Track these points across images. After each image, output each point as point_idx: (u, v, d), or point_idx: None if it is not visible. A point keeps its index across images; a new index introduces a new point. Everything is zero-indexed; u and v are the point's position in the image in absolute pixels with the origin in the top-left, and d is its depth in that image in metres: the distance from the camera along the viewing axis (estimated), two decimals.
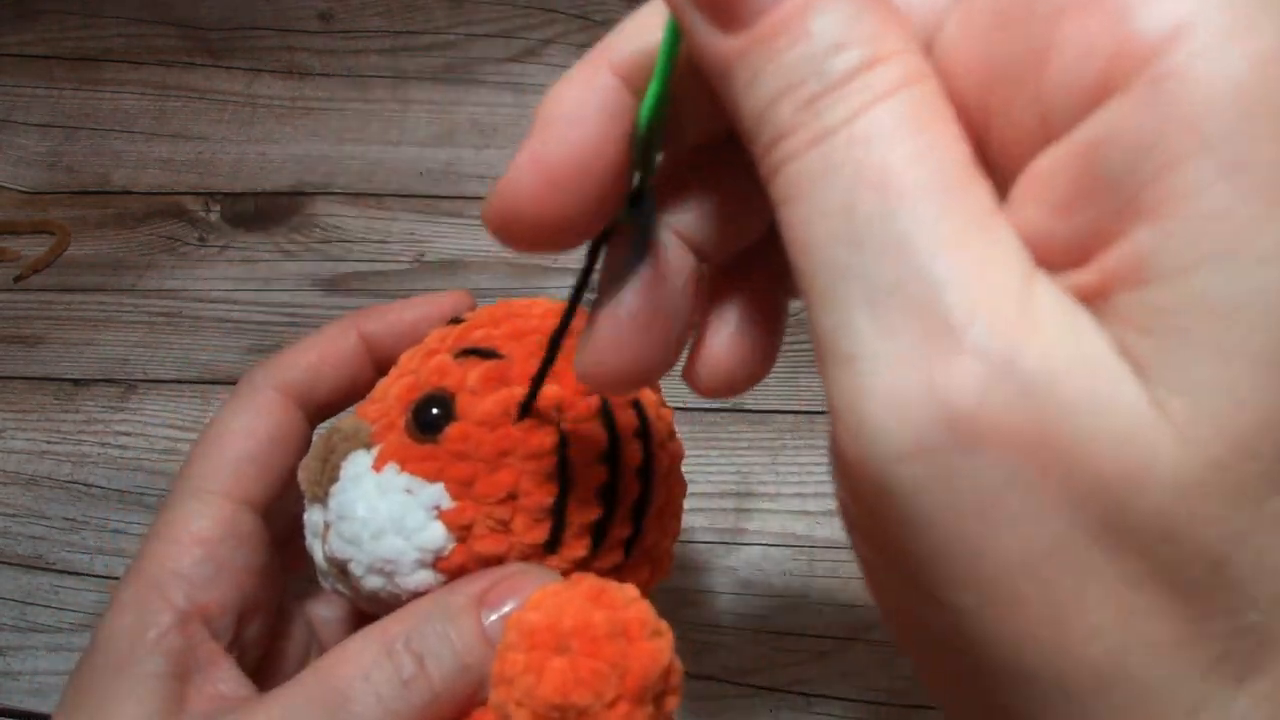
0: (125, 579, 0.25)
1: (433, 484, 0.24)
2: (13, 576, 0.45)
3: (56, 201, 0.59)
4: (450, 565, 0.24)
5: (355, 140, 0.61)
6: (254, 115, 0.62)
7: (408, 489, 0.24)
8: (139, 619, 0.24)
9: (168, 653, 0.24)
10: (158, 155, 0.61)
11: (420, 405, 0.24)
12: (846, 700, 0.40)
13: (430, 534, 0.24)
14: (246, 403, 0.27)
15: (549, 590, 0.22)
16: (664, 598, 0.44)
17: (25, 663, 0.43)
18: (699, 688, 0.41)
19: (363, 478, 0.24)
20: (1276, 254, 0.11)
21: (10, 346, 0.53)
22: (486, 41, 0.64)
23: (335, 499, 0.24)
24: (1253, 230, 0.11)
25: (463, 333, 0.26)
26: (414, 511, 0.24)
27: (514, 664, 0.21)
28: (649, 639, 0.22)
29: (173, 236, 0.57)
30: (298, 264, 0.55)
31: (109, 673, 0.24)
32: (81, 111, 0.63)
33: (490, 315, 0.27)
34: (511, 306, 0.27)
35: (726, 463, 0.46)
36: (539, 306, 0.27)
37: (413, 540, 0.24)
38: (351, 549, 0.24)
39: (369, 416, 0.25)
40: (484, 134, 0.61)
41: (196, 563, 0.25)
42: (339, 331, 0.29)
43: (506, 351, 0.25)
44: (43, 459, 0.48)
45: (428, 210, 0.58)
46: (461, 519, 0.24)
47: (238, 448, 0.26)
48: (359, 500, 0.24)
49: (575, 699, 0.21)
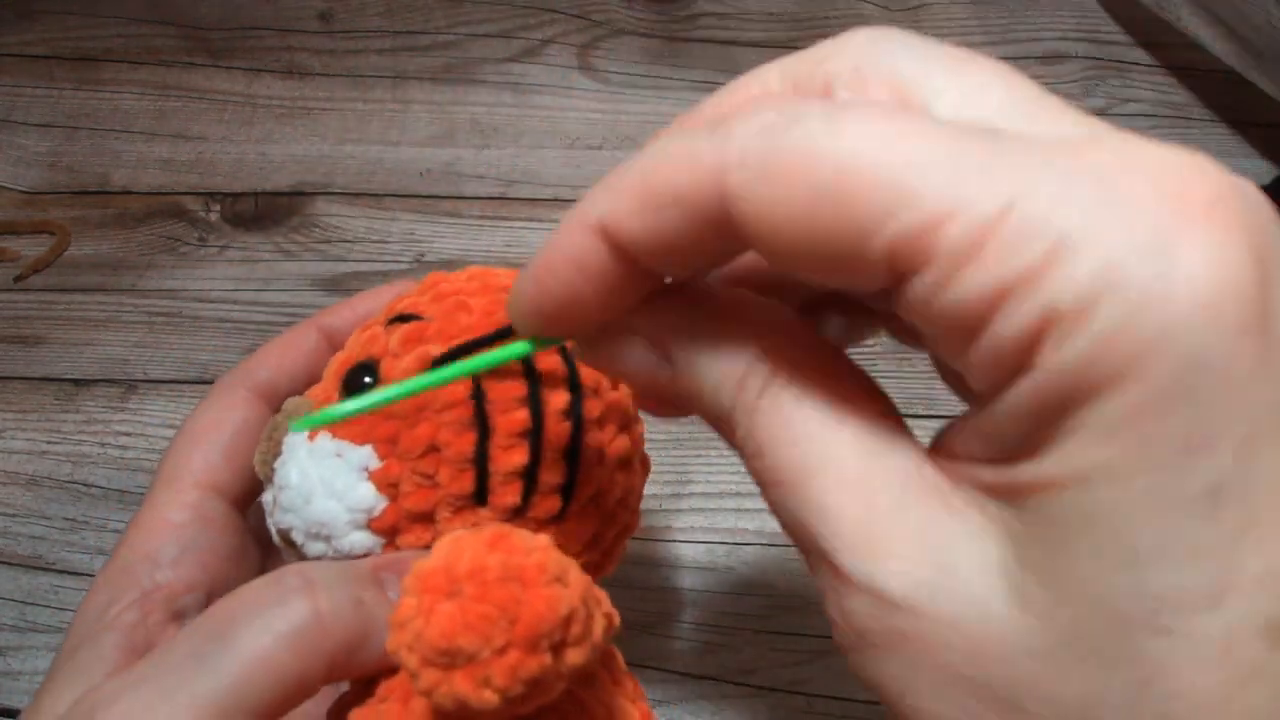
0: (103, 568, 0.26)
1: (361, 446, 0.25)
2: (13, 576, 0.45)
3: (56, 201, 0.59)
4: (383, 525, 0.25)
5: (355, 140, 0.61)
6: (254, 115, 0.62)
7: (337, 453, 0.25)
8: (105, 597, 0.25)
9: (121, 629, 0.24)
10: (158, 155, 0.61)
11: (350, 375, 0.26)
12: (846, 700, 0.40)
13: (360, 494, 0.24)
14: (216, 402, 0.29)
15: (451, 536, 0.22)
16: (663, 598, 0.44)
17: (25, 663, 0.43)
18: (699, 688, 0.41)
19: (298, 448, 0.25)
20: (1120, 479, 0.13)
21: (10, 346, 0.53)
22: (486, 41, 0.64)
23: (278, 474, 0.26)
24: (1111, 469, 0.14)
25: (393, 304, 0.27)
26: (343, 473, 0.25)
27: (407, 607, 0.21)
28: (546, 585, 0.21)
29: (173, 236, 0.57)
30: (298, 264, 0.55)
31: (71, 651, 0.24)
32: (81, 111, 0.63)
33: (421, 284, 0.28)
34: (440, 275, 0.28)
35: (726, 463, 0.46)
36: (465, 273, 0.28)
37: (344, 501, 0.24)
38: (290, 516, 0.25)
39: (313, 395, 0.27)
40: (484, 134, 0.61)
41: (163, 545, 0.26)
42: (301, 330, 0.30)
43: (428, 314, 0.26)
44: (43, 459, 0.48)
45: (428, 210, 0.58)
46: (389, 476, 0.24)
47: (206, 441, 0.28)
48: (293, 468, 0.25)
49: (462, 643, 0.20)
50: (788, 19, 0.64)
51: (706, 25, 0.64)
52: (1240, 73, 0.57)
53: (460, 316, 0.26)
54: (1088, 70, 0.63)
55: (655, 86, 0.63)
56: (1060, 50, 0.64)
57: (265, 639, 0.21)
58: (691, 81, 0.63)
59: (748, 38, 0.64)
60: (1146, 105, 0.62)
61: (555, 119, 0.62)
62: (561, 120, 0.61)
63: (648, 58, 0.64)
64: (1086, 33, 0.64)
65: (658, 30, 0.64)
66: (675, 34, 0.64)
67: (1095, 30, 0.64)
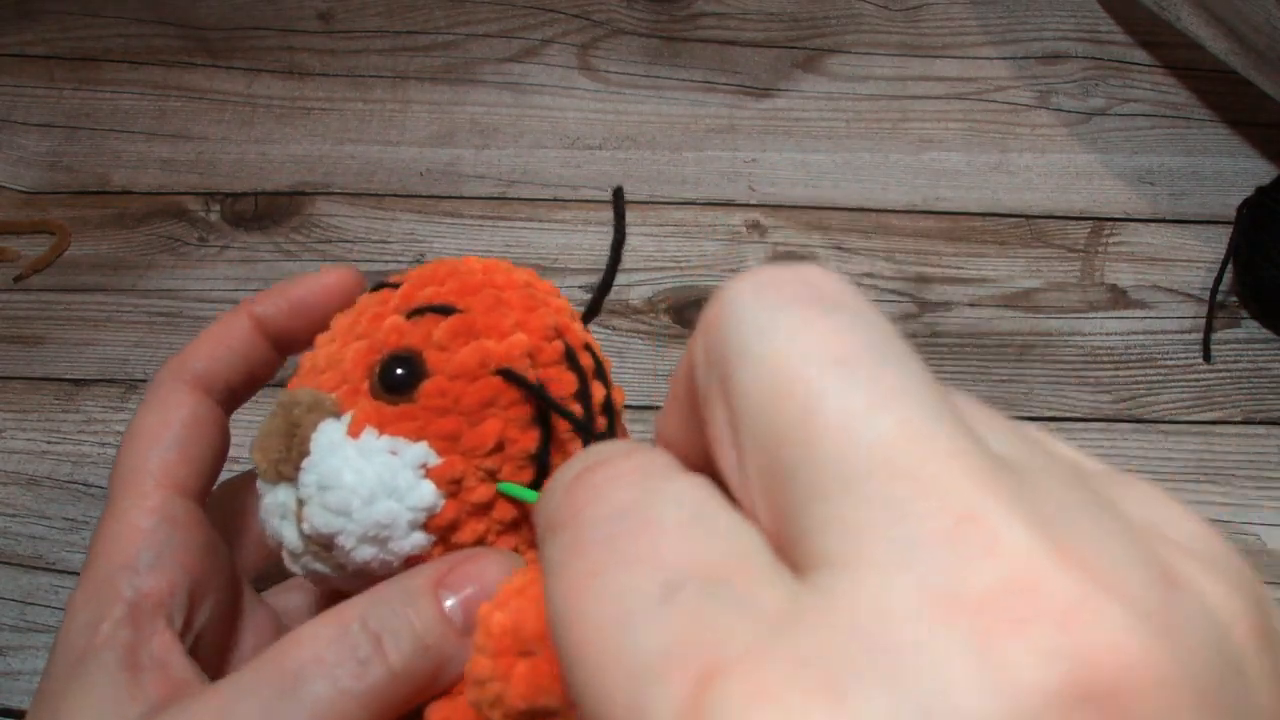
0: (77, 583, 0.26)
1: (415, 443, 0.24)
2: (13, 576, 0.45)
3: (56, 201, 0.59)
4: (443, 522, 0.24)
5: (355, 140, 0.61)
6: (254, 115, 0.62)
7: (391, 450, 0.24)
8: (91, 616, 0.25)
9: (119, 647, 0.24)
10: (158, 155, 0.61)
11: (386, 366, 0.24)
12: None
13: (421, 492, 0.24)
14: (155, 400, 0.28)
15: (513, 587, 0.22)
16: None
17: (25, 663, 0.43)
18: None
19: (340, 445, 0.24)
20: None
21: (10, 346, 0.53)
22: (486, 41, 0.64)
23: (311, 472, 0.24)
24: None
25: (408, 293, 0.26)
26: (402, 472, 0.23)
27: (483, 667, 0.21)
28: None
29: (173, 236, 0.57)
30: (298, 264, 0.55)
31: (64, 674, 0.24)
32: (81, 111, 0.63)
33: (432, 274, 0.27)
34: (447, 264, 0.27)
35: None
36: (475, 262, 0.27)
37: (405, 501, 0.23)
38: (340, 520, 0.23)
39: (325, 386, 0.25)
40: (484, 134, 0.61)
41: (138, 552, 0.25)
42: (231, 317, 0.29)
43: (464, 306, 0.25)
44: (43, 459, 0.48)
45: (428, 210, 0.58)
46: (451, 473, 0.24)
47: (157, 440, 0.27)
48: (343, 468, 0.23)
49: (542, 703, 0.21)
50: (787, 19, 0.64)
51: (706, 25, 0.64)
52: (1240, 73, 0.57)
53: (502, 313, 0.25)
54: (1088, 70, 0.63)
55: (655, 86, 0.63)
56: (1060, 50, 0.64)
57: (338, 698, 0.21)
58: (691, 81, 0.63)
59: (747, 38, 0.64)
60: (1146, 105, 0.62)
61: (555, 119, 0.62)
62: (561, 120, 0.61)
63: (648, 58, 0.64)
64: (1086, 32, 0.64)
65: (658, 30, 0.64)
66: (675, 34, 0.64)
67: (1095, 30, 0.64)
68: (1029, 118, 0.63)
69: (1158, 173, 0.61)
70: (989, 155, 0.62)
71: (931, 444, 0.12)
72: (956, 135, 0.63)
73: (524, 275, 0.26)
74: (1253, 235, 0.53)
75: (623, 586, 0.13)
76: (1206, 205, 0.59)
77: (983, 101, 0.63)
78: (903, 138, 0.63)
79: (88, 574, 0.26)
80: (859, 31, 0.64)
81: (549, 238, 0.57)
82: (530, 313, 0.25)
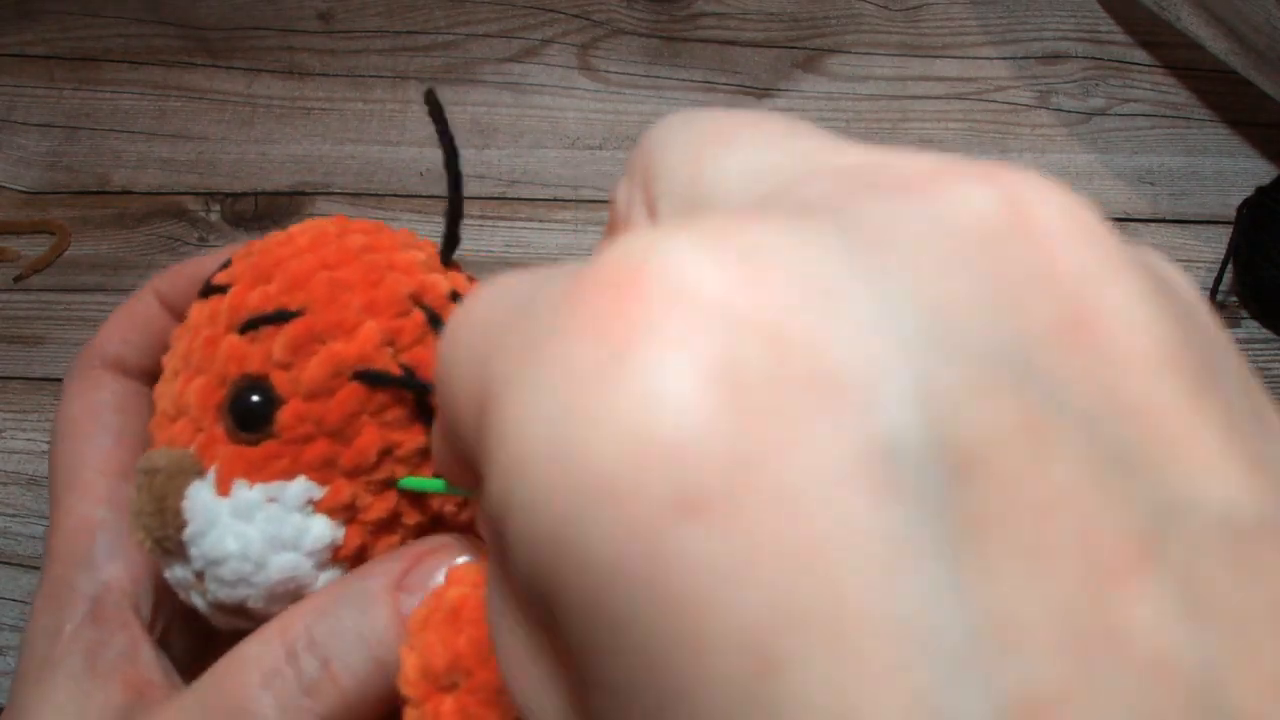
0: (39, 586, 0.25)
1: (291, 481, 0.21)
2: (13, 576, 0.45)
3: (56, 201, 0.59)
4: (349, 551, 0.22)
5: (355, 140, 0.61)
6: (254, 115, 0.62)
7: (269, 498, 0.21)
8: (52, 621, 0.24)
9: (81, 651, 0.23)
10: (158, 155, 0.61)
11: (234, 405, 0.22)
12: None
13: (315, 533, 0.21)
14: (77, 390, 0.27)
15: (418, 621, 0.21)
16: None
17: None
18: None
19: (214, 510, 0.21)
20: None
21: (10, 346, 0.53)
22: (486, 41, 0.64)
23: (195, 546, 0.22)
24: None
25: (236, 300, 0.22)
26: (287, 518, 0.21)
27: (412, 718, 0.20)
28: None
29: (173, 236, 0.57)
30: None
31: (30, 680, 0.23)
32: (81, 111, 0.63)
33: (252, 270, 0.23)
34: (266, 250, 0.23)
35: None
36: (301, 238, 0.23)
37: (301, 547, 0.21)
38: (242, 589, 0.22)
39: (179, 440, 0.22)
40: (484, 134, 0.61)
41: (94, 547, 0.24)
42: (136, 299, 0.29)
43: (298, 305, 0.22)
44: (43, 459, 0.48)
45: (428, 210, 0.58)
46: (339, 500, 0.22)
47: (90, 429, 0.26)
48: (224, 535, 0.21)
49: None
50: (787, 19, 0.64)
51: (706, 25, 0.64)
52: (1240, 73, 0.57)
53: (344, 302, 0.22)
54: (1087, 70, 0.63)
55: (655, 86, 0.63)
56: (1060, 50, 0.64)
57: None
58: (691, 81, 0.63)
59: (747, 38, 0.64)
60: (1146, 105, 0.63)
61: (555, 119, 0.62)
62: (561, 120, 0.62)
63: (648, 58, 0.64)
64: (1086, 32, 0.64)
65: (658, 30, 0.64)
66: (675, 34, 0.64)
67: (1095, 30, 0.64)
68: (1029, 118, 0.63)
69: (1158, 173, 0.61)
70: (989, 155, 0.62)
71: None
72: (956, 135, 0.63)
73: (359, 239, 0.23)
74: (1253, 235, 0.53)
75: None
76: (1206, 205, 0.59)
77: (983, 101, 0.63)
78: (903, 138, 0.63)
79: (47, 576, 0.25)
80: (859, 31, 0.64)
81: (549, 238, 0.57)
82: (376, 288, 0.22)
